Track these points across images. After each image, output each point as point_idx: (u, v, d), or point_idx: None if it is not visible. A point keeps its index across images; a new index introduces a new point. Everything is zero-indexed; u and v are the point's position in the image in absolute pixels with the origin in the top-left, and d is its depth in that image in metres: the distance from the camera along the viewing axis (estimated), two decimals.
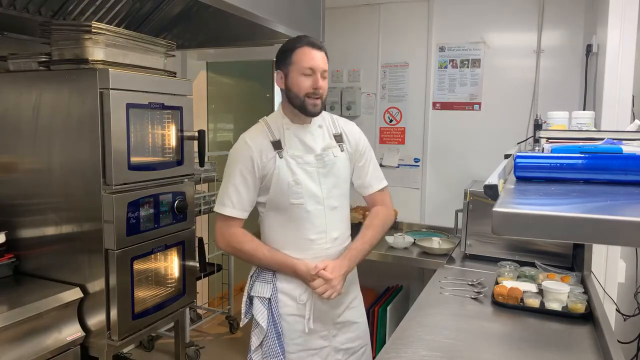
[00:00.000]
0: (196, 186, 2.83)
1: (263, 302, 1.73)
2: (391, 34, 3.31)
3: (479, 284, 2.09)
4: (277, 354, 1.69)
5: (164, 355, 3.41)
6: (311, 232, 1.73)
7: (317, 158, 1.74)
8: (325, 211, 1.74)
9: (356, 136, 1.85)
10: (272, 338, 1.70)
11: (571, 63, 2.87)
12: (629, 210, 0.87)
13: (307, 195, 1.70)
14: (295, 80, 1.67)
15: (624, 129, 1.83)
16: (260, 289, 1.74)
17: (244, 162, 1.71)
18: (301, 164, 1.71)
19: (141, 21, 2.58)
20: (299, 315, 1.74)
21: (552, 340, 1.62)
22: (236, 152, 1.76)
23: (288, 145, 1.72)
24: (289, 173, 1.69)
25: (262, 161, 1.69)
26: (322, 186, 1.73)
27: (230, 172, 1.74)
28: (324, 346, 1.78)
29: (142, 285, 2.17)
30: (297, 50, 1.67)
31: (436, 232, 3.09)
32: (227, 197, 1.72)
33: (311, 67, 1.66)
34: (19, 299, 1.83)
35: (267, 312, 1.72)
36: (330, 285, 1.66)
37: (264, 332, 1.71)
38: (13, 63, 2.07)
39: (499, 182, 1.02)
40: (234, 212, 1.72)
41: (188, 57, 3.81)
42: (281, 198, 1.70)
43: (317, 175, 1.73)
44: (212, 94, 4.19)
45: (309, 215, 1.71)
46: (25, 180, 2.08)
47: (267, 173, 1.69)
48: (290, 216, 1.72)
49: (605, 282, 2.24)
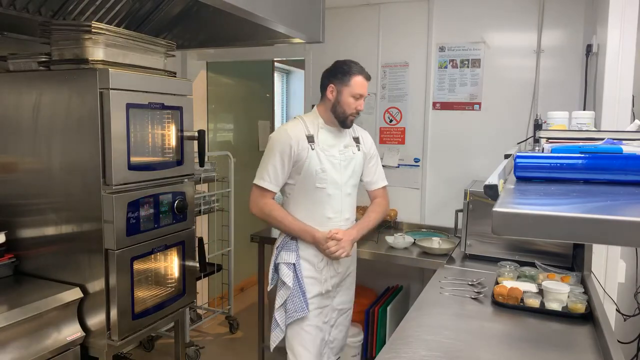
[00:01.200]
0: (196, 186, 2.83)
1: (289, 266, 2.11)
2: (391, 34, 3.31)
3: (479, 284, 2.09)
4: (303, 308, 2.07)
5: (164, 355, 3.41)
6: (329, 211, 2.13)
7: (340, 153, 2.16)
8: (342, 196, 2.16)
9: (369, 142, 2.32)
10: (298, 295, 2.08)
11: (571, 63, 2.87)
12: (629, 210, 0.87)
13: (330, 181, 2.11)
14: (346, 100, 2.11)
15: (624, 129, 1.83)
16: (286, 256, 2.13)
17: (284, 148, 2.08)
18: (328, 156, 2.12)
19: (141, 21, 2.58)
20: (316, 278, 2.13)
21: (552, 340, 1.62)
22: (278, 138, 2.12)
23: (320, 140, 2.13)
24: (318, 162, 2.09)
25: (298, 149, 2.08)
26: (342, 175, 2.15)
27: (270, 154, 2.11)
28: (327, 305, 2.19)
29: (142, 285, 2.17)
30: (355, 76, 2.11)
31: (436, 232, 3.09)
32: (266, 173, 2.11)
33: (361, 94, 2.13)
34: (19, 299, 1.83)
35: (292, 274, 2.09)
36: (340, 246, 2.08)
37: (289, 290, 2.08)
38: (13, 63, 2.07)
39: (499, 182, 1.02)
40: (270, 185, 2.11)
41: (188, 57, 3.81)
42: (309, 181, 2.10)
43: (339, 166, 2.15)
44: (212, 94, 4.19)
45: (329, 198, 2.13)
46: (25, 180, 2.08)
47: (300, 160, 2.08)
48: (314, 197, 2.12)
49: (605, 282, 2.24)
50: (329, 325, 2.22)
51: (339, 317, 2.26)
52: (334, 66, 2.17)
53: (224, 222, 3.81)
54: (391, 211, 3.25)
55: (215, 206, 3.47)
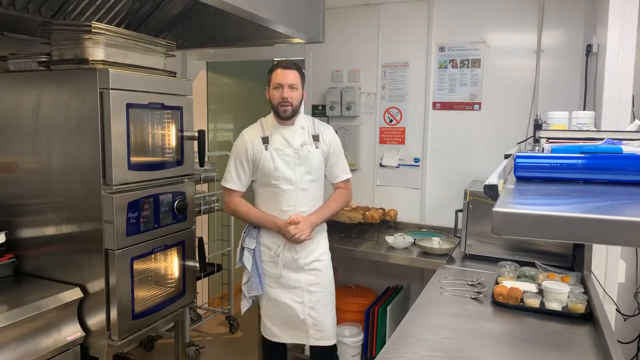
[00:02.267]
0: (196, 186, 2.83)
1: (249, 251, 2.39)
2: (391, 34, 3.31)
3: (479, 284, 2.09)
4: (258, 288, 2.39)
5: (164, 355, 3.41)
6: (284, 205, 2.34)
7: (294, 151, 2.34)
8: (297, 191, 2.34)
9: (330, 138, 2.44)
10: (255, 277, 2.38)
11: (571, 63, 2.87)
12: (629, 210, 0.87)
13: (282, 178, 2.31)
14: (272, 93, 2.32)
15: (624, 129, 1.83)
16: (248, 242, 2.40)
17: (240, 151, 2.36)
18: (281, 155, 2.32)
19: (141, 21, 2.58)
20: (274, 262, 2.38)
21: (552, 340, 1.62)
22: (237, 143, 2.40)
23: (273, 141, 2.33)
24: (271, 161, 2.31)
25: (254, 151, 2.33)
26: (296, 172, 2.33)
27: (231, 156, 2.40)
28: (298, 286, 2.38)
29: (142, 285, 2.17)
30: (274, 70, 2.30)
31: (436, 232, 3.09)
32: (229, 174, 2.39)
33: (280, 83, 2.28)
34: (19, 299, 1.83)
35: (251, 258, 2.38)
36: (299, 229, 2.28)
37: (249, 273, 2.39)
38: (13, 63, 2.07)
39: (499, 182, 1.02)
40: (233, 185, 2.38)
41: (188, 57, 3.81)
42: (265, 179, 2.33)
43: (292, 164, 2.33)
44: (212, 94, 4.19)
45: (284, 193, 2.33)
46: (25, 180, 2.08)
47: (257, 160, 2.33)
48: (271, 192, 2.34)
49: (605, 282, 2.24)
50: (305, 306, 2.37)
51: (314, 298, 2.39)
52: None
53: (224, 222, 3.81)
54: (391, 211, 3.26)
55: (215, 206, 3.47)
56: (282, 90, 2.27)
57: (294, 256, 2.36)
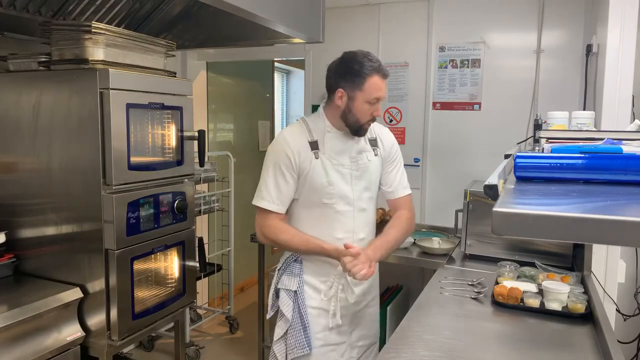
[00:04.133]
0: (196, 186, 2.83)
1: (289, 294, 1.78)
2: (391, 34, 3.31)
3: (479, 284, 2.09)
4: (304, 346, 1.72)
5: (164, 355, 3.41)
6: (339, 231, 1.78)
7: (352, 160, 1.80)
8: (355, 212, 1.80)
9: (390, 142, 1.92)
10: (299, 329, 1.74)
11: (571, 63, 2.87)
12: (629, 210, 0.87)
13: (338, 196, 1.76)
14: (360, 107, 1.72)
15: (624, 129, 1.83)
16: (288, 281, 1.80)
17: (281, 158, 1.74)
18: (336, 165, 1.76)
19: (141, 21, 2.58)
20: (323, 309, 1.78)
21: (552, 340, 1.62)
22: (275, 149, 1.78)
23: (326, 147, 1.77)
24: (323, 174, 1.74)
25: (299, 158, 1.74)
26: (354, 188, 1.79)
27: (267, 167, 1.78)
28: (342, 342, 1.83)
29: (142, 285, 2.17)
30: (369, 78, 1.70)
31: (436, 232, 3.08)
32: (266, 190, 1.76)
33: (378, 98, 1.73)
34: (19, 299, 1.83)
35: (292, 304, 1.77)
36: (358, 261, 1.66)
37: (288, 322, 1.76)
38: (13, 63, 2.07)
39: (499, 182, 1.02)
40: (271, 205, 1.76)
41: (188, 57, 3.81)
42: (314, 197, 1.75)
43: (350, 177, 1.79)
44: (212, 94, 4.19)
45: (339, 215, 1.77)
46: (25, 180, 2.08)
47: (303, 171, 1.74)
48: (321, 214, 1.77)
49: (605, 282, 2.24)
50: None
51: (361, 355, 1.92)
52: (343, 64, 1.76)
53: (224, 222, 3.81)
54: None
55: (215, 206, 3.47)
56: (377, 106, 1.74)
57: (349, 298, 1.80)
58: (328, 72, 1.81)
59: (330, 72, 1.80)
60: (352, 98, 1.73)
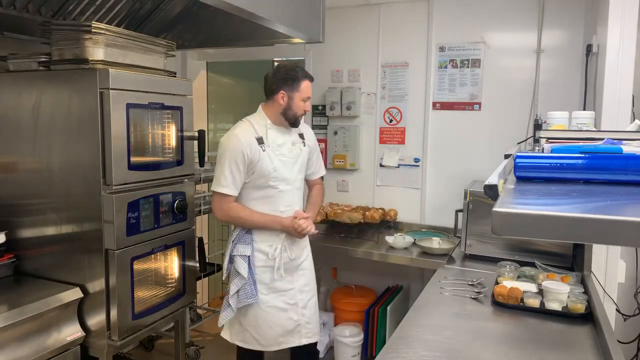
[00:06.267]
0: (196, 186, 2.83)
1: (244, 258, 2.25)
2: (391, 34, 3.31)
3: (479, 284, 2.09)
4: (253, 295, 2.24)
5: (164, 355, 3.41)
6: (281, 205, 2.27)
7: (288, 150, 2.29)
8: (293, 190, 2.32)
9: (312, 135, 2.46)
10: (250, 284, 2.24)
11: (571, 63, 2.87)
12: (629, 210, 0.87)
13: (281, 178, 2.25)
14: (297, 104, 2.24)
15: (624, 129, 1.83)
16: (242, 249, 2.25)
17: (237, 153, 2.16)
18: (278, 155, 2.24)
19: (141, 21, 2.58)
20: (269, 266, 2.28)
21: (552, 340, 1.62)
22: (229, 145, 2.19)
23: (269, 141, 2.23)
24: (269, 162, 2.20)
25: (251, 152, 2.17)
26: (292, 172, 2.29)
27: (224, 159, 2.18)
28: (290, 288, 2.32)
29: (142, 285, 2.17)
30: (303, 82, 2.24)
31: (436, 232, 3.09)
32: (224, 178, 2.18)
33: (309, 97, 2.29)
34: (19, 299, 1.83)
35: (247, 265, 2.23)
36: (309, 222, 2.27)
37: (244, 280, 2.23)
38: (13, 63, 2.07)
39: (499, 182, 1.02)
40: (229, 190, 2.19)
41: (188, 57, 3.81)
42: (262, 181, 2.22)
43: (289, 164, 2.28)
44: (212, 94, 4.19)
45: (281, 194, 2.27)
46: (25, 180, 2.08)
47: (253, 161, 2.18)
48: (267, 193, 2.25)
49: (605, 282, 2.24)
50: (299, 307, 2.35)
51: (306, 297, 2.39)
52: (281, 72, 2.26)
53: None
54: (391, 211, 3.25)
55: None
56: (307, 103, 2.29)
57: (290, 257, 2.31)
58: (268, 80, 2.29)
59: (272, 80, 2.27)
60: (291, 97, 2.23)
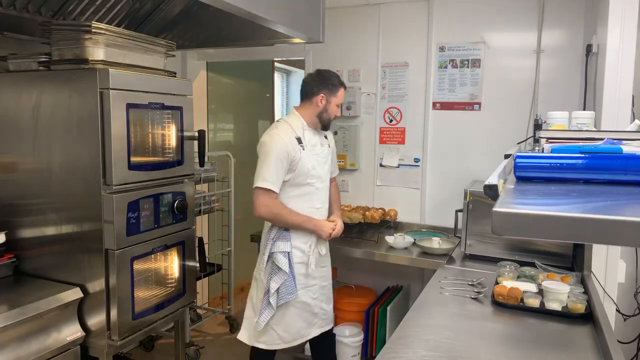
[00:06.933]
0: (196, 186, 2.83)
1: (284, 254, 2.34)
2: (391, 34, 3.31)
3: (479, 284, 2.09)
4: (294, 291, 2.34)
5: (164, 355, 3.41)
6: (317, 202, 2.44)
7: (320, 150, 2.44)
8: (325, 188, 2.48)
9: (332, 138, 2.63)
10: (290, 279, 2.33)
11: (571, 63, 2.87)
12: (629, 210, 0.87)
13: (317, 176, 2.40)
14: (332, 108, 2.42)
15: (624, 129, 1.83)
16: (282, 245, 2.35)
17: (281, 152, 2.28)
18: (314, 155, 2.39)
19: (141, 21, 2.58)
20: (303, 263, 2.40)
21: (552, 340, 1.62)
22: (275, 144, 2.30)
23: (306, 141, 2.37)
24: (308, 161, 2.35)
25: (293, 152, 2.30)
26: (324, 170, 2.46)
27: (269, 158, 2.28)
28: (314, 284, 2.45)
29: (142, 285, 2.17)
30: (341, 88, 2.43)
31: (436, 232, 3.09)
32: (269, 175, 2.28)
33: (342, 103, 2.55)
34: (19, 299, 1.84)
35: (287, 261, 2.33)
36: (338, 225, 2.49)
37: (285, 275, 2.32)
38: (13, 63, 2.07)
39: (499, 182, 1.02)
40: (273, 186, 2.28)
41: (188, 57, 3.81)
42: (301, 178, 2.35)
43: (322, 163, 2.44)
44: (212, 94, 4.18)
45: (317, 191, 2.43)
46: (25, 180, 2.08)
47: (295, 160, 2.31)
48: (304, 191, 2.38)
49: (605, 282, 2.24)
50: (319, 301, 2.48)
51: (326, 291, 2.55)
52: (323, 76, 2.41)
53: (224, 222, 3.81)
54: (391, 211, 3.25)
55: (215, 206, 3.47)
56: (338, 109, 2.47)
57: (320, 252, 2.47)
58: (310, 83, 2.42)
59: (314, 83, 2.41)
60: (329, 101, 2.40)
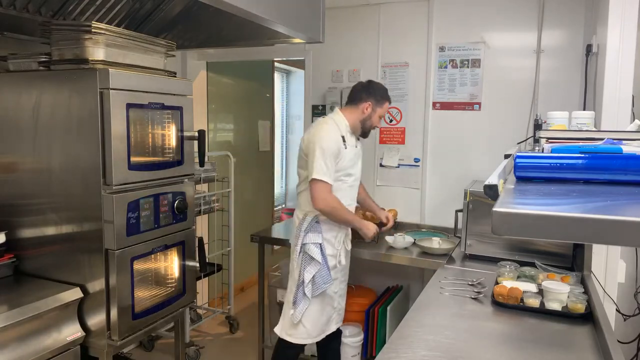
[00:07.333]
0: (196, 186, 2.83)
1: (316, 245, 2.42)
2: (391, 34, 3.31)
3: (479, 284, 2.09)
4: (329, 279, 2.41)
5: (164, 355, 3.41)
6: (347, 199, 2.48)
7: (356, 151, 2.54)
8: (355, 187, 2.56)
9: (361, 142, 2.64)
10: (325, 269, 2.40)
11: (571, 63, 2.87)
12: (629, 210, 0.87)
13: (353, 174, 2.51)
14: (375, 118, 2.53)
15: (624, 129, 1.83)
16: (314, 237, 2.42)
17: (334, 148, 2.38)
18: (352, 153, 2.48)
19: (141, 21, 2.58)
20: (332, 255, 2.47)
21: (552, 340, 1.62)
22: (328, 139, 2.38)
23: (347, 140, 2.46)
24: (348, 159, 2.45)
25: (340, 149, 2.41)
26: (357, 170, 2.56)
27: (323, 152, 2.35)
28: (337, 278, 2.52)
29: (142, 285, 2.17)
30: (386, 102, 2.55)
31: (436, 232, 3.09)
32: (327, 168, 2.35)
33: (384, 115, 2.62)
34: (19, 299, 1.83)
35: (319, 251, 2.40)
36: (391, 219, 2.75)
37: (319, 265, 2.39)
38: (13, 63, 2.07)
39: (499, 182, 1.02)
40: (330, 180, 2.37)
41: (188, 57, 3.81)
42: (337, 174, 2.42)
43: (357, 161, 2.55)
44: (212, 94, 4.19)
45: (350, 189, 2.51)
46: (25, 180, 2.08)
47: (339, 156, 2.41)
48: (337, 187, 2.42)
49: (605, 282, 2.24)
50: (338, 295, 2.56)
51: (343, 286, 2.62)
52: (373, 87, 2.51)
53: (224, 222, 3.81)
54: (391, 211, 3.25)
55: (215, 206, 3.47)
56: (380, 120, 2.57)
57: (347, 247, 2.57)
58: (359, 89, 2.52)
59: (363, 90, 2.51)
60: (374, 111, 2.50)
